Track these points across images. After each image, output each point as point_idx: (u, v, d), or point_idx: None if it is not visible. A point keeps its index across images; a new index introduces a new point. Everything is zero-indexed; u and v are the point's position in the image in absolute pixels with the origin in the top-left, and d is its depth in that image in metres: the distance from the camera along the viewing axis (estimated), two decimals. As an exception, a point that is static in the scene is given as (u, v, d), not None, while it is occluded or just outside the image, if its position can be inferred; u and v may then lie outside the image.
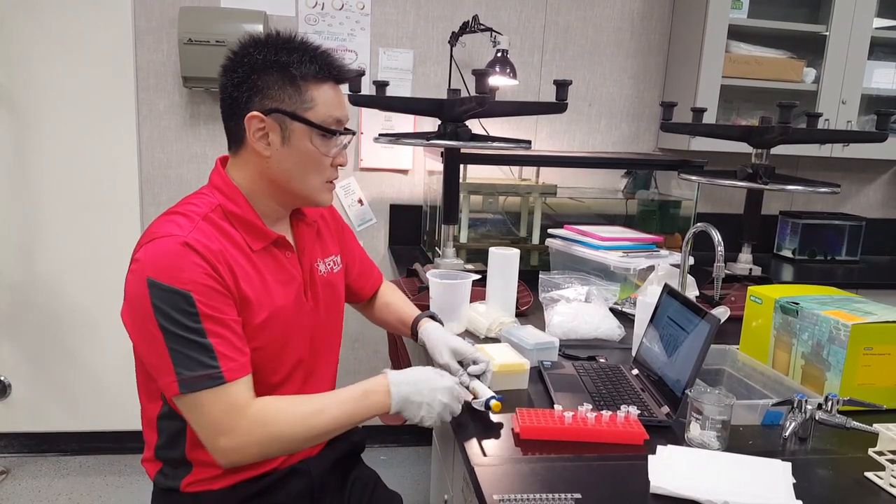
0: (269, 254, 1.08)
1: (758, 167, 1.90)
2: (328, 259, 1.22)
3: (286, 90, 1.02)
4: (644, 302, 1.45)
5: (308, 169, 1.07)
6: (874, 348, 1.21)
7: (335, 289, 1.23)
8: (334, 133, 1.06)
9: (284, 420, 0.98)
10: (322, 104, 1.04)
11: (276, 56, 1.02)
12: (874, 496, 0.97)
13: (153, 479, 1.11)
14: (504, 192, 2.36)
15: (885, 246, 2.96)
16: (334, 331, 1.24)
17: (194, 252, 0.94)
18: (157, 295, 0.91)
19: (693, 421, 1.06)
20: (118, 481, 2.41)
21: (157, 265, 0.92)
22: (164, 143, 2.43)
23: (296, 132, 1.04)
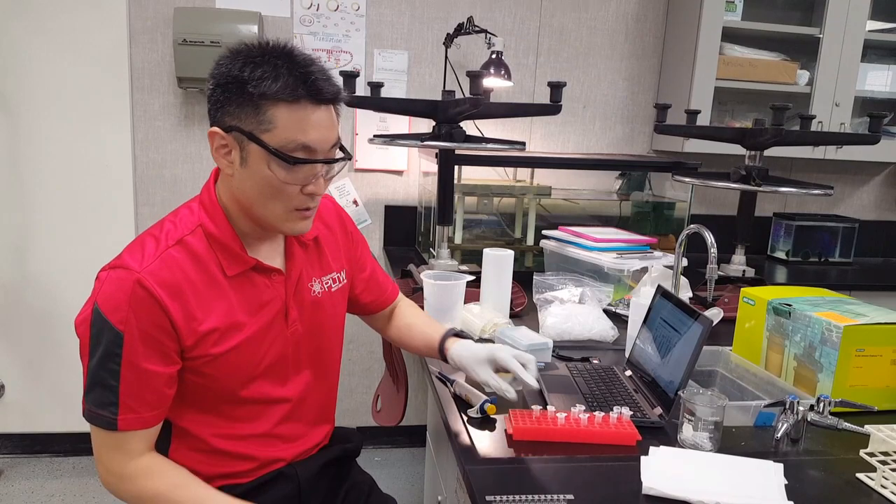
0: (246, 279, 1.03)
1: (751, 169, 1.91)
2: (327, 277, 1.16)
3: (244, 108, 0.94)
4: (637, 303, 1.45)
5: (266, 196, 0.97)
6: (866, 350, 1.21)
7: (332, 307, 1.17)
8: (291, 161, 0.94)
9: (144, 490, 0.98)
10: (283, 127, 0.93)
11: (239, 70, 0.93)
12: (865, 497, 0.97)
13: None
14: (499, 194, 2.36)
15: (879, 248, 2.98)
16: (328, 349, 1.18)
17: (145, 292, 0.93)
18: (96, 323, 0.93)
19: (685, 422, 1.07)
20: (111, 483, 2.40)
21: (106, 295, 0.93)
22: (159, 143, 2.42)
23: (252, 154, 0.95)
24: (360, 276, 1.28)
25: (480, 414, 1.16)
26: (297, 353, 1.11)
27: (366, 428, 2.64)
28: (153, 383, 0.96)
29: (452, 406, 1.22)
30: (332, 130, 0.99)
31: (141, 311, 0.93)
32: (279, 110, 0.93)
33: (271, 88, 0.92)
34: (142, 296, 0.92)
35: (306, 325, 1.12)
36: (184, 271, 0.97)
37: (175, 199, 2.47)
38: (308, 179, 0.98)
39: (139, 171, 2.43)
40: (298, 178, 0.97)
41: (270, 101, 0.93)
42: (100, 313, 0.92)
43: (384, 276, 1.36)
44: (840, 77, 2.50)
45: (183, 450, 1.05)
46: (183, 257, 0.97)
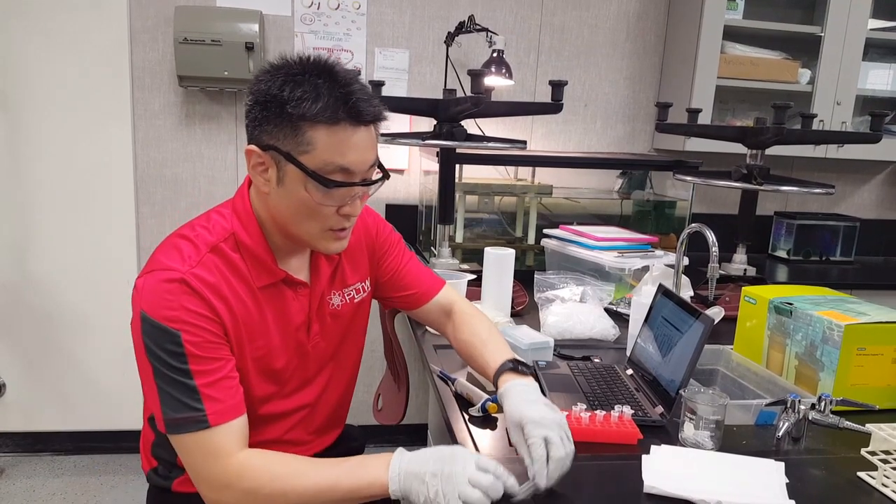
0: (276, 291, 1.02)
1: (752, 168, 1.91)
2: (348, 289, 1.15)
3: (283, 128, 0.91)
4: (639, 302, 1.45)
5: (302, 215, 0.96)
6: (867, 349, 1.21)
7: (353, 319, 1.17)
8: (329, 184, 0.92)
9: (264, 478, 0.90)
10: (322, 149, 0.91)
11: (279, 89, 0.91)
12: (867, 496, 0.97)
13: (146, 475, 1.11)
14: (500, 192, 2.36)
15: (880, 247, 2.98)
16: (346, 359, 1.18)
17: (190, 290, 0.91)
18: (147, 330, 0.89)
19: (687, 421, 1.07)
20: (112, 480, 2.41)
21: (151, 299, 0.90)
22: (160, 142, 2.42)
23: (289, 174, 0.94)
24: (384, 278, 1.24)
25: (482, 413, 1.16)
26: (315, 366, 1.11)
27: (367, 426, 2.64)
28: (224, 371, 0.93)
29: (454, 405, 1.21)
30: (371, 151, 0.96)
31: (191, 307, 0.90)
32: (318, 132, 0.91)
33: (311, 110, 0.89)
34: (189, 293, 0.91)
35: (327, 338, 1.12)
36: (223, 277, 0.95)
37: (175, 198, 2.47)
38: (345, 201, 0.96)
39: (140, 170, 2.43)
40: (335, 199, 0.95)
41: (310, 122, 0.90)
42: (149, 319, 0.89)
43: (419, 271, 1.29)
44: (841, 76, 2.50)
45: None
46: (220, 263, 0.96)
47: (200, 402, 0.89)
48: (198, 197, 2.48)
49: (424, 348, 1.52)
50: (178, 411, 0.89)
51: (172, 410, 0.89)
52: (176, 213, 2.48)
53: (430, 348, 1.51)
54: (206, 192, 2.48)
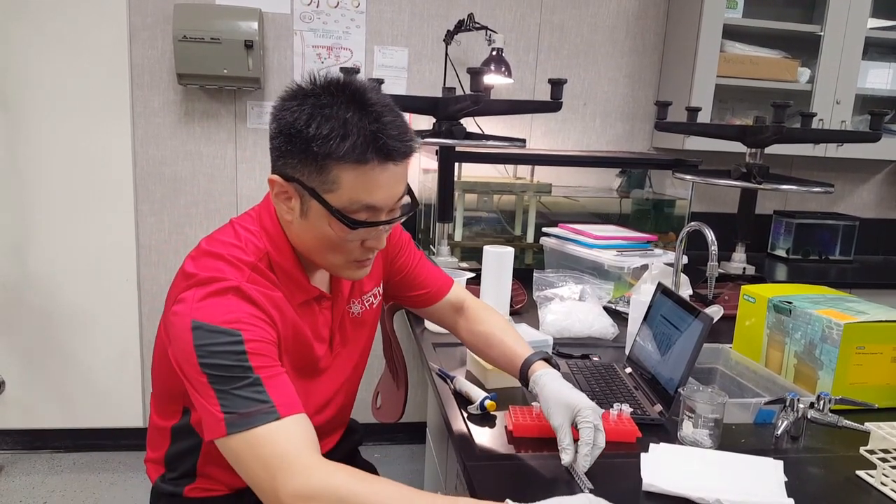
0: (309, 308, 1.02)
1: (752, 167, 1.91)
2: (366, 296, 1.14)
3: (308, 165, 0.87)
4: (638, 300, 1.45)
5: (325, 248, 0.94)
6: (866, 347, 1.21)
7: (369, 325, 1.17)
8: (353, 225, 0.89)
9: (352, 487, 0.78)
10: (348, 188, 0.87)
11: (305, 123, 0.86)
12: (865, 494, 0.97)
13: (153, 482, 1.10)
14: (499, 191, 2.36)
15: (879, 246, 2.98)
16: (358, 364, 1.17)
17: (244, 297, 0.88)
18: (200, 336, 0.84)
19: (685, 419, 1.07)
20: (112, 478, 2.41)
21: (202, 310, 0.85)
22: (159, 140, 2.42)
23: (313, 209, 0.90)
24: (398, 277, 1.22)
25: (480, 410, 1.16)
26: (338, 374, 1.11)
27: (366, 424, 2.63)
28: (282, 370, 0.88)
29: (452, 402, 1.22)
30: (400, 186, 0.93)
31: (246, 309, 0.87)
32: (345, 172, 0.87)
33: (338, 150, 0.85)
34: (246, 300, 0.88)
35: (349, 347, 1.12)
36: (268, 291, 0.92)
37: (175, 196, 2.47)
38: (370, 235, 0.94)
39: (139, 168, 2.43)
40: (359, 235, 0.93)
41: (336, 161, 0.86)
42: (204, 325, 0.84)
43: (430, 270, 1.27)
44: (841, 75, 2.49)
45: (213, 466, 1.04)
46: (263, 281, 0.93)
47: (266, 394, 0.83)
48: (197, 195, 2.48)
49: (423, 346, 1.52)
50: (244, 406, 0.82)
51: (236, 406, 0.82)
52: (175, 211, 2.48)
53: (430, 346, 1.51)
54: (205, 190, 2.48)
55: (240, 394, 0.83)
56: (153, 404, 1.08)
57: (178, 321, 0.86)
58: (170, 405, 1.03)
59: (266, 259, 0.95)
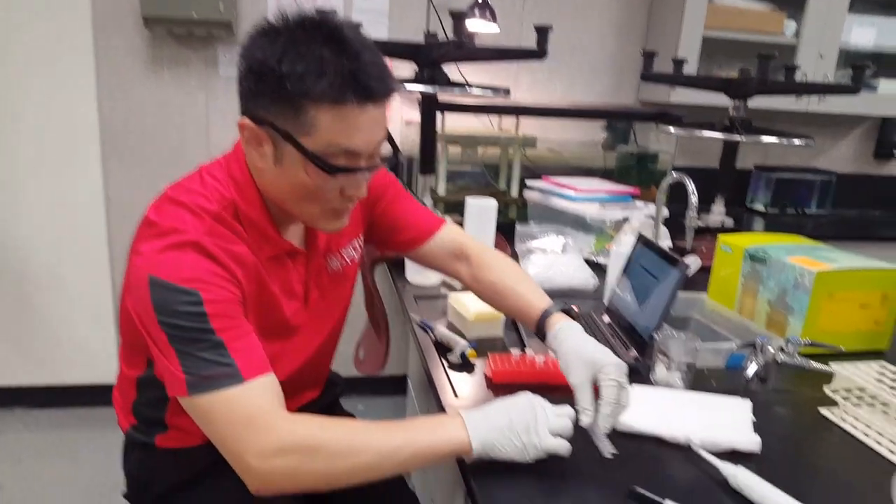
0: (280, 263, 0.97)
1: (734, 119, 1.91)
2: (345, 249, 1.09)
3: (282, 106, 0.82)
4: (618, 252, 1.47)
5: (300, 197, 0.89)
6: (836, 294, 1.24)
7: (348, 279, 1.12)
8: (331, 170, 0.85)
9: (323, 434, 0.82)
10: (325, 131, 0.83)
11: (278, 60, 0.80)
12: (827, 431, 1.01)
13: (125, 431, 1.10)
14: (483, 143, 2.34)
15: (855, 200, 3.02)
16: (337, 320, 1.13)
17: (203, 252, 0.84)
18: (159, 293, 0.81)
19: (659, 363, 1.10)
20: (90, 434, 2.40)
21: (161, 265, 0.82)
22: (126, 90, 2.32)
23: (288, 155, 0.85)
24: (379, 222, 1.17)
25: (461, 359, 1.18)
26: (310, 332, 1.08)
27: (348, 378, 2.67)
28: (247, 329, 0.86)
29: (433, 352, 1.23)
30: (379, 130, 0.88)
31: (206, 267, 0.84)
32: (322, 112, 0.82)
33: (314, 88, 0.80)
34: (205, 256, 0.84)
35: (329, 303, 1.08)
36: (229, 246, 0.89)
37: (146, 150, 2.40)
38: (348, 183, 0.89)
39: (105, 120, 2.33)
40: (338, 183, 0.88)
41: (312, 101, 0.81)
42: (162, 282, 0.81)
43: (415, 211, 1.19)
44: (826, 29, 2.48)
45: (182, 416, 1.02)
46: (226, 232, 0.89)
47: (229, 356, 0.81)
48: (167, 147, 2.40)
49: (405, 299, 1.53)
50: (205, 368, 0.81)
51: (197, 369, 0.81)
52: (145, 164, 2.41)
53: (411, 299, 1.53)
54: (176, 141, 2.40)
55: (201, 356, 0.81)
56: (121, 353, 1.05)
57: (135, 274, 0.84)
58: (134, 355, 1.01)
59: (232, 208, 0.91)
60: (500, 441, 0.84)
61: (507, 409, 0.86)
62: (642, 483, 0.83)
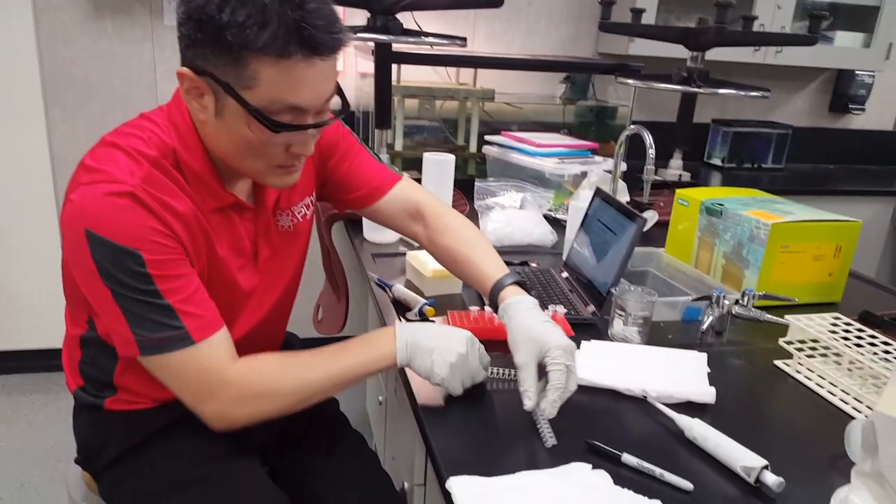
0: (222, 214, 0.92)
1: (692, 71, 1.90)
2: (297, 207, 1.04)
3: (222, 56, 0.77)
4: (576, 206, 1.45)
5: (244, 153, 0.84)
6: (791, 246, 1.25)
7: (301, 238, 1.07)
8: (275, 128, 0.80)
9: (272, 379, 0.87)
10: (269, 86, 0.77)
11: (218, 8, 0.75)
12: (781, 382, 1.03)
13: (73, 392, 1.07)
14: (440, 96, 2.28)
15: (810, 154, 3.07)
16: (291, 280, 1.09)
17: (141, 205, 0.80)
18: (100, 251, 0.78)
19: (616, 317, 1.09)
20: (44, 399, 2.35)
21: (98, 217, 0.78)
22: (67, 38, 2.21)
23: (229, 108, 0.80)
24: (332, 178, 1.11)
25: (419, 317, 1.17)
26: (262, 293, 1.03)
27: (308, 339, 2.64)
28: (194, 285, 0.84)
29: (392, 310, 1.22)
30: (328, 84, 0.82)
31: (144, 222, 0.80)
32: (264, 66, 0.76)
33: (256, 40, 0.75)
34: (142, 209, 0.80)
35: (280, 261, 1.04)
36: (172, 195, 0.84)
37: (89, 101, 2.29)
38: (294, 140, 0.84)
39: (47, 70, 2.22)
40: (282, 140, 0.83)
41: (254, 54, 0.75)
42: (99, 239, 0.78)
43: (369, 167, 1.13)
44: (784, -22, 2.47)
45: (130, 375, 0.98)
46: (165, 180, 0.84)
47: (178, 320, 0.81)
48: (113, 100, 2.30)
49: (363, 257, 1.50)
50: (155, 331, 0.81)
51: (147, 331, 0.81)
52: (90, 118, 2.30)
53: (369, 257, 1.50)
54: (121, 94, 2.30)
55: (150, 317, 0.81)
56: (66, 310, 1.02)
57: (71, 225, 0.80)
58: (77, 313, 0.98)
59: (172, 157, 0.86)
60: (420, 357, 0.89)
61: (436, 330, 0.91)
62: (600, 437, 0.83)
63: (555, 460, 0.79)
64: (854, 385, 0.95)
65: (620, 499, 0.73)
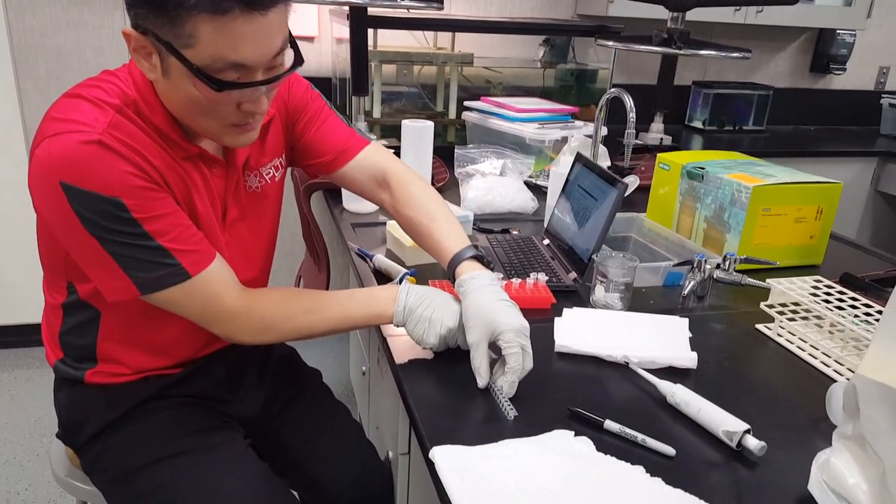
0: (195, 165, 0.90)
1: (673, 32, 1.87)
2: (266, 168, 1.02)
3: (159, 15, 0.74)
4: (557, 172, 1.43)
5: (195, 112, 0.83)
6: (772, 209, 1.25)
7: (271, 200, 1.05)
8: (218, 86, 0.77)
9: (277, 317, 0.91)
10: (208, 44, 0.74)
11: None
12: (763, 346, 1.03)
13: (53, 366, 1.04)
14: (418, 61, 2.23)
15: (790, 115, 3.07)
16: (263, 244, 1.08)
17: (112, 152, 0.78)
18: (80, 202, 0.77)
19: (598, 284, 1.08)
20: (27, 374, 2.33)
21: (70, 168, 0.76)
22: (35, 7, 2.13)
23: (174, 68, 0.78)
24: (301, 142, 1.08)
25: (399, 286, 1.15)
26: (236, 253, 1.00)
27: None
28: (180, 220, 0.85)
29: (373, 280, 1.20)
30: (274, 39, 0.78)
31: (119, 169, 0.78)
32: (201, 23, 0.73)
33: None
34: (113, 155, 0.78)
35: (246, 223, 1.01)
36: (138, 139, 0.82)
37: (62, 71, 2.23)
38: (244, 98, 0.82)
39: (16, 40, 2.15)
40: (231, 98, 0.80)
41: (188, 11, 0.72)
42: (77, 190, 0.76)
43: (337, 131, 1.11)
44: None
45: (112, 344, 0.98)
46: (131, 127, 0.82)
47: (173, 258, 0.83)
48: (85, 69, 2.24)
49: (342, 228, 1.47)
50: (151, 271, 0.82)
51: (143, 272, 0.82)
52: (63, 88, 2.17)
53: (348, 227, 1.47)
54: (93, 64, 2.23)
55: (144, 258, 0.82)
56: (44, 281, 0.99)
57: (41, 181, 0.78)
58: (56, 280, 0.96)
59: (134, 107, 0.84)
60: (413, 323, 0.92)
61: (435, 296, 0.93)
62: (582, 404, 0.82)
63: (537, 428, 0.79)
64: (835, 348, 0.96)
65: (603, 465, 0.73)
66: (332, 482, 1.08)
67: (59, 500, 1.78)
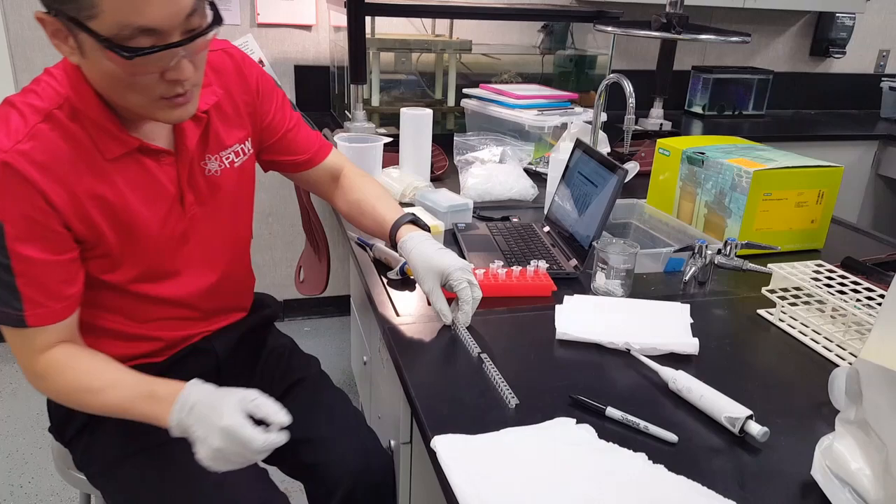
0: (133, 161, 0.89)
1: (672, 16, 1.85)
2: (227, 151, 1.00)
3: None
4: (556, 159, 1.42)
5: (118, 88, 0.80)
6: (773, 194, 1.24)
7: (235, 185, 1.03)
8: (127, 55, 0.73)
9: (59, 385, 0.90)
10: (111, 10, 0.71)
11: None
12: (764, 331, 1.03)
13: None
14: (416, 49, 2.21)
15: (790, 100, 3.05)
16: (236, 231, 1.07)
17: (16, 175, 0.78)
18: None
19: (599, 270, 1.08)
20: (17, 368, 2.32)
21: None
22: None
23: (86, 44, 0.76)
24: (273, 136, 1.09)
25: (400, 275, 1.15)
26: (201, 241, 1.00)
27: (293, 300, 2.62)
28: (52, 273, 0.84)
29: (372, 269, 1.20)
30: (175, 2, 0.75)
31: (16, 195, 0.78)
32: None
33: None
34: (13, 180, 0.78)
35: (207, 210, 1.00)
36: (59, 150, 0.81)
37: (55, 63, 2.20)
38: (165, 66, 0.78)
39: (13, 32, 2.13)
40: (149, 67, 0.77)
41: None
42: None
43: (308, 134, 1.16)
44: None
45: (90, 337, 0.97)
46: (55, 135, 0.81)
47: (20, 302, 0.83)
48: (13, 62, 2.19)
49: (342, 217, 1.47)
50: None
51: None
52: None
53: (347, 216, 1.46)
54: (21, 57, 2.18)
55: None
56: None
57: None
58: None
59: (67, 106, 0.82)
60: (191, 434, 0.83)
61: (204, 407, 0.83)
62: (583, 391, 0.82)
63: (539, 416, 0.79)
64: (837, 332, 0.96)
65: (605, 453, 0.73)
66: (334, 467, 1.07)
67: (62, 493, 1.79)
